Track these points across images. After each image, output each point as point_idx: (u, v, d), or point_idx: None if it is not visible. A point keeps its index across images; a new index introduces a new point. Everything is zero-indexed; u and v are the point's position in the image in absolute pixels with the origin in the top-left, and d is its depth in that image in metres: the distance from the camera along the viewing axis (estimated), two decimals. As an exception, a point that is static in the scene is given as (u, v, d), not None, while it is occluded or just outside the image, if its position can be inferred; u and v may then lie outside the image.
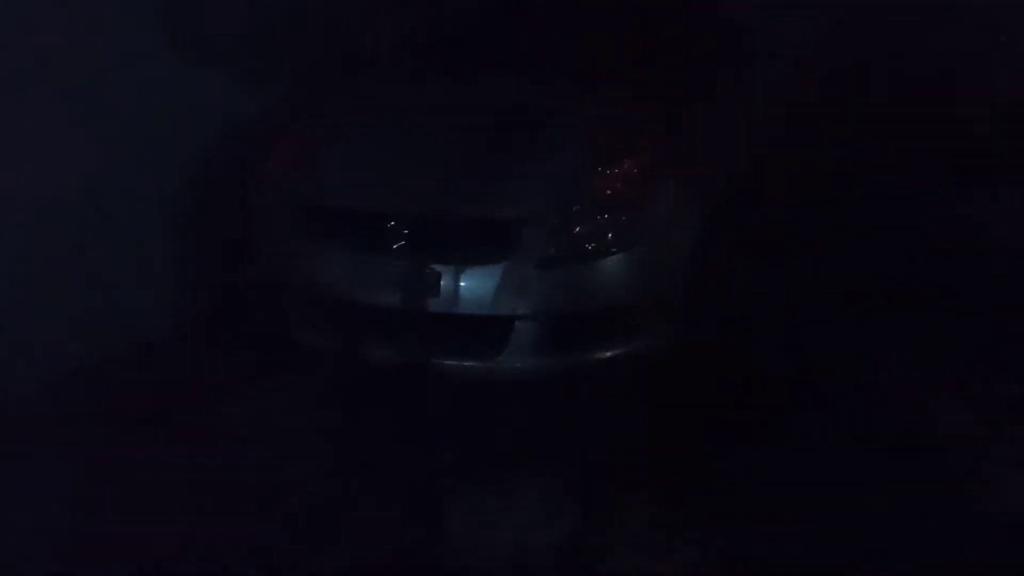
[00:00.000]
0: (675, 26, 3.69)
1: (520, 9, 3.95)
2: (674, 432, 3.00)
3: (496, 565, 2.65)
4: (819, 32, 3.85)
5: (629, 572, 2.61)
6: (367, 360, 3.20)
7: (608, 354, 3.10)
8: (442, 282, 3.05)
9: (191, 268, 3.82)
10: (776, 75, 3.64)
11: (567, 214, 3.11)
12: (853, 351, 3.37)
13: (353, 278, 3.21)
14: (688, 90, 3.42)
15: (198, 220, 3.83)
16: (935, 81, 4.16)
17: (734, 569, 2.59)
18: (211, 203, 3.79)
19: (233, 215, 3.56)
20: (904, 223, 3.92)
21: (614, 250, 3.08)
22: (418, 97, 3.71)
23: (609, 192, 3.18)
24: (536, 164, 3.18)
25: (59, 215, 3.37)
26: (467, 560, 2.67)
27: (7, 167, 3.20)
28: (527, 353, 3.08)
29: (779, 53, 3.65)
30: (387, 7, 4.14)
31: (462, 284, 3.05)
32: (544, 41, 3.77)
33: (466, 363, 3.14)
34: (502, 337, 3.07)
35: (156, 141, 3.61)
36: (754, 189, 3.34)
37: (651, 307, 3.14)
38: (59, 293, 3.38)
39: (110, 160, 3.49)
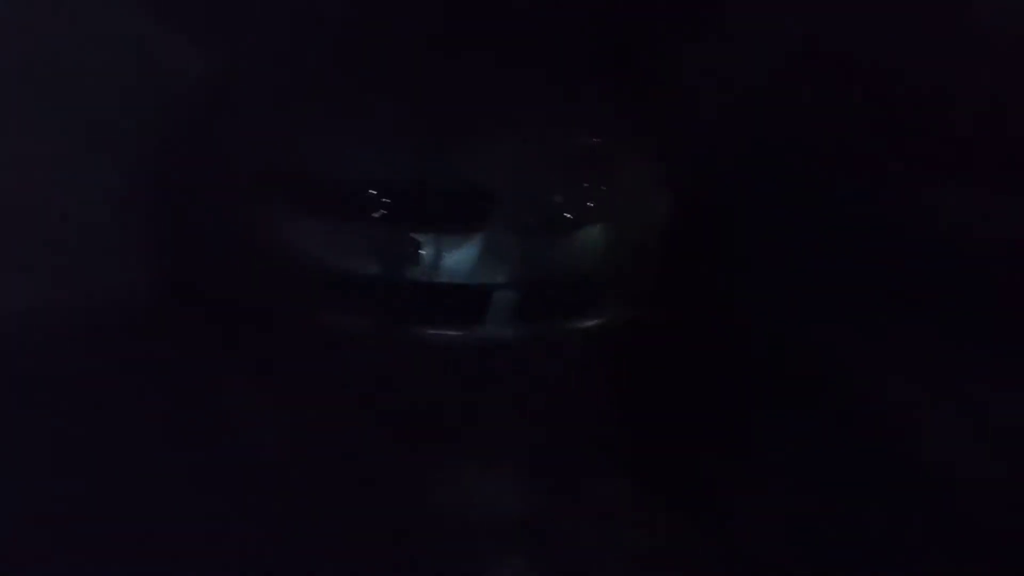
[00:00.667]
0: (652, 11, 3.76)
1: None
2: (651, 405, 3.04)
3: (473, 541, 2.68)
4: (806, 18, 3.89)
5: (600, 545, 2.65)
6: (343, 328, 3.23)
7: (587, 324, 3.16)
8: (421, 250, 3.11)
9: (159, 239, 3.83)
10: (759, 58, 3.70)
11: (546, 182, 3.18)
12: (846, 344, 3.39)
13: (330, 245, 3.25)
14: (666, 70, 3.48)
15: (166, 190, 3.84)
16: (929, 75, 4.18)
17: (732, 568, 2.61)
18: (181, 172, 3.80)
19: (205, 183, 3.57)
20: (894, 214, 3.94)
21: (593, 220, 3.15)
22: (397, 63, 3.76)
23: (587, 162, 3.26)
24: (516, 131, 3.24)
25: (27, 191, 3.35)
26: (440, 535, 2.69)
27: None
28: (505, 322, 3.14)
29: (763, 36, 3.71)
30: None
31: (441, 252, 3.11)
32: (526, 21, 3.82)
33: (444, 331, 3.19)
34: (480, 305, 3.14)
35: (123, 106, 3.60)
36: (736, 168, 3.41)
37: (630, 277, 3.22)
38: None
39: (76, 127, 3.49)
